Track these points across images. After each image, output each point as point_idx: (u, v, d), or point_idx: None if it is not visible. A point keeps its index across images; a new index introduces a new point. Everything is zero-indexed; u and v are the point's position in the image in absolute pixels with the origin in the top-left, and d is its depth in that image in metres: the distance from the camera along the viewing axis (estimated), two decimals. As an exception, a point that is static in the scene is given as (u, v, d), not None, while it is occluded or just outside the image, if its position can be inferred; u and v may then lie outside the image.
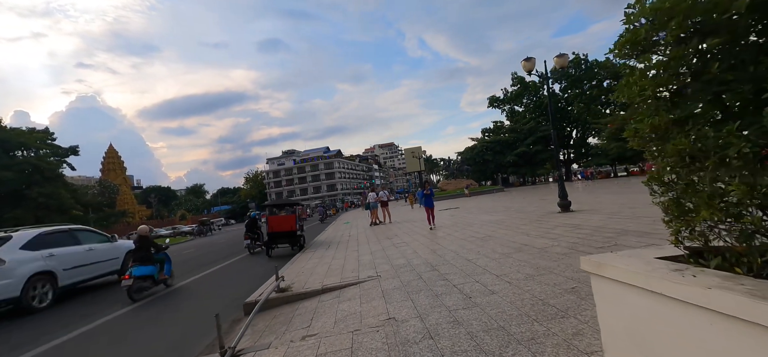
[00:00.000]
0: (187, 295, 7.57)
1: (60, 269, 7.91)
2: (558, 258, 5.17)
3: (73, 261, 8.29)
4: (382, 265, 6.61)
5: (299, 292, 5.52)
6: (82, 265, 8.51)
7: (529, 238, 7.17)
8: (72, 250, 8.43)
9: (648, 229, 6.30)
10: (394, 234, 11.47)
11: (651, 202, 1.93)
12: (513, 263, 5.27)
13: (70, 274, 8.17)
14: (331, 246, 10.98)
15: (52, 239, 8.17)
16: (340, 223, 21.76)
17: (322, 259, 8.46)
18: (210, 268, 10.77)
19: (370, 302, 4.48)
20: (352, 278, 5.90)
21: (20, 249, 7.44)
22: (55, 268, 7.79)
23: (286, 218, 11.48)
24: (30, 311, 7.06)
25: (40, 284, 7.43)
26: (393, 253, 7.78)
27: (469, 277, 4.86)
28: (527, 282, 4.25)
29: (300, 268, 7.72)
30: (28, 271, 7.25)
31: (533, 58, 10.82)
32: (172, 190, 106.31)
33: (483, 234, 8.66)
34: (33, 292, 7.26)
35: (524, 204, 16.35)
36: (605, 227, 7.13)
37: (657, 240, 5.42)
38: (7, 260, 7.01)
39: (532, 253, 5.76)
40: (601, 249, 5.35)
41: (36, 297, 7.30)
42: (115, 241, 9.82)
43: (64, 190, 25.33)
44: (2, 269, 6.89)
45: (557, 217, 9.69)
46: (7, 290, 6.83)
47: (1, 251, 7.11)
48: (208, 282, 8.76)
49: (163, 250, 8.12)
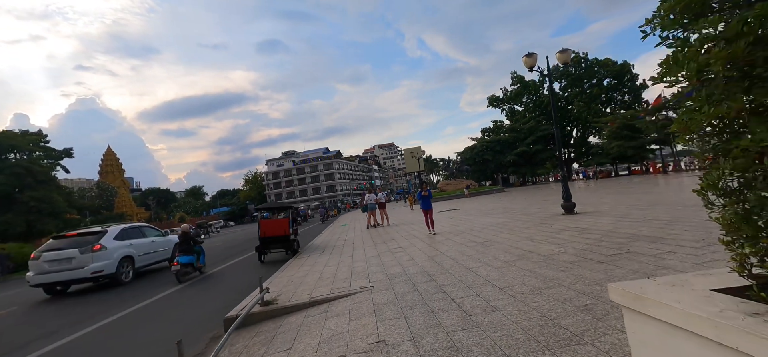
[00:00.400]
0: (172, 303, 7.14)
1: (136, 255, 10.44)
2: (566, 267, 4.73)
3: (143, 249, 10.85)
4: (376, 274, 6.17)
5: (285, 306, 5.08)
6: (149, 253, 11.09)
7: (533, 243, 6.73)
8: (142, 241, 11.00)
9: (661, 234, 5.86)
10: (390, 238, 11.04)
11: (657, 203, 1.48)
12: (517, 273, 4.83)
13: (143, 259, 10.75)
14: (325, 250, 10.55)
15: (130, 233, 10.70)
16: (337, 225, 21.32)
17: (314, 266, 8.03)
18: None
19: (359, 319, 4.05)
20: (343, 289, 5.46)
21: (113, 239, 9.91)
22: (134, 254, 10.33)
23: (279, 222, 11.03)
24: (119, 283, 9.62)
25: (126, 264, 10.01)
26: (388, 260, 7.34)
27: (469, 290, 4.43)
28: (534, 297, 3.82)
29: (290, 276, 7.28)
30: (119, 254, 9.82)
31: (535, 54, 10.39)
32: (171, 192, 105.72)
33: (484, 238, 8.23)
34: (122, 270, 9.79)
35: (526, 205, 15.91)
36: (615, 231, 6.70)
37: (671, 246, 4.99)
38: (107, 247, 9.56)
39: (538, 261, 5.32)
40: (612, 256, 4.91)
41: (123, 274, 9.84)
42: (167, 236, 12.32)
43: (56, 194, 24.84)
44: (104, 253, 9.42)
45: (562, 220, 9.26)
46: (108, 268, 9.41)
47: (103, 241, 9.56)
48: (200, 289, 8.31)
49: (199, 244, 9.99)
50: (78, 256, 9.16)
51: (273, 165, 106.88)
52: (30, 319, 7.32)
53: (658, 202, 10.14)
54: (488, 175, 56.95)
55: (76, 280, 9.22)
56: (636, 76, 50.53)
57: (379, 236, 11.98)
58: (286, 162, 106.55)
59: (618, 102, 51.99)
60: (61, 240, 9.81)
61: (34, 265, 9.23)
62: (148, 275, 10.86)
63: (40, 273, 9.12)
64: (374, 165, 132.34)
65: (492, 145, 54.22)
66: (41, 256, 9.23)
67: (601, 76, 51.64)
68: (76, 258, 9.14)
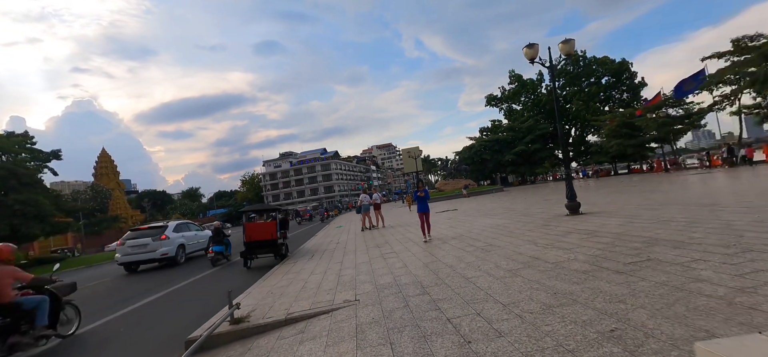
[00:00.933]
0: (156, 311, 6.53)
1: (187, 243, 13.48)
2: (580, 279, 4.10)
3: (191, 240, 13.91)
4: (364, 285, 5.53)
5: (257, 325, 4.43)
6: (193, 243, 14.04)
7: (539, 248, 6.10)
8: (189, 233, 14.06)
9: (682, 238, 5.24)
10: (384, 241, 10.40)
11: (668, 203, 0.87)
12: (523, 286, 4.20)
13: (190, 246, 13.76)
14: (315, 255, 9.90)
15: (181, 227, 13.95)
16: (333, 227, 20.66)
17: (299, 274, 7.37)
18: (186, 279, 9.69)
19: (337, 345, 3.41)
20: (325, 304, 4.82)
21: (173, 231, 13.09)
22: (185, 243, 13.40)
23: (266, 225, 10.36)
24: (177, 264, 12.67)
25: (180, 250, 13.02)
26: (379, 267, 6.70)
27: (468, 307, 3.79)
28: (545, 317, 3.18)
29: (271, 286, 6.63)
30: (177, 242, 12.97)
31: (536, 44, 9.77)
32: (167, 194, 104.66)
33: (484, 242, 7.60)
34: (179, 254, 12.87)
35: (527, 205, 15.29)
36: (627, 234, 6.07)
37: (698, 252, 4.37)
38: (170, 237, 12.72)
39: (545, 270, 4.69)
40: (632, 265, 4.28)
41: (179, 257, 12.88)
42: (203, 231, 15.33)
43: (42, 197, 24.04)
44: (168, 241, 12.57)
45: (567, 221, 8.64)
46: (171, 252, 12.49)
47: (167, 232, 12.80)
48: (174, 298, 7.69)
49: (227, 237, 12.23)
50: (151, 242, 12.39)
51: (270, 166, 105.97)
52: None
53: (668, 202, 9.54)
54: (486, 174, 56.31)
55: (148, 260, 12.49)
56: (634, 74, 50.06)
57: (372, 239, 11.33)
58: (283, 163, 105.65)
59: (616, 100, 51.49)
60: (138, 231, 13.11)
61: (121, 249, 12.69)
62: (192, 260, 13.71)
63: (124, 254, 12.53)
64: (372, 165, 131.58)
65: (490, 145, 53.57)
66: (126, 242, 12.65)
67: (599, 74, 51.12)
68: (150, 244, 12.37)
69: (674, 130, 34.63)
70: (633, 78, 50.19)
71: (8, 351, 4.44)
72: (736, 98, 29.04)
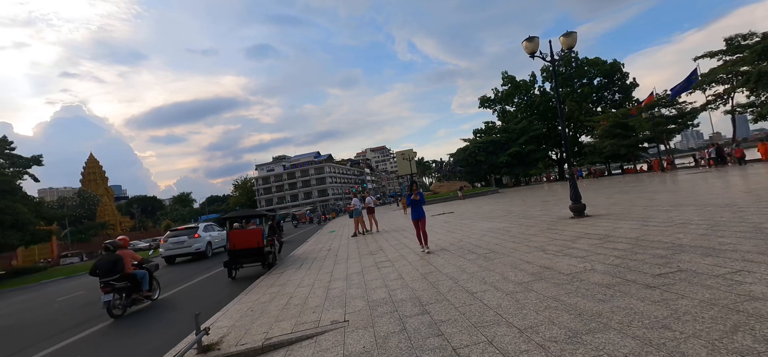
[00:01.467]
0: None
1: (214, 241, 16.13)
2: (605, 295, 3.51)
3: (216, 238, 16.41)
4: (355, 301, 4.90)
5: (228, 354, 3.78)
6: (218, 240, 16.45)
7: (548, 256, 5.53)
8: (214, 232, 16.56)
9: (710, 244, 4.70)
10: (378, 248, 9.77)
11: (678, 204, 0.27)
12: (538, 303, 3.61)
13: (216, 243, 16.30)
14: (303, 264, 9.24)
15: (208, 228, 16.54)
16: (325, 232, 19.95)
17: (284, 287, 6.71)
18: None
19: (319, 386, 2.78)
20: (310, 326, 4.18)
21: (203, 231, 15.80)
22: (212, 240, 16.06)
23: (251, 233, 9.65)
24: (206, 258, 15.20)
25: (208, 246, 15.57)
26: (372, 279, 6.08)
27: (476, 332, 3.19)
28: (575, 349, 2.59)
29: (253, 301, 5.96)
30: (207, 239, 15.61)
31: (536, 37, 9.28)
32: (158, 199, 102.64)
33: (486, 249, 7.01)
34: (208, 249, 15.46)
35: (526, 207, 14.77)
36: (646, 239, 5.52)
37: (736, 261, 3.82)
38: (201, 235, 15.44)
39: (561, 283, 4.11)
40: (662, 277, 3.71)
41: (208, 252, 15.46)
42: (223, 231, 16.33)
43: (21, 205, 22.97)
44: (200, 239, 15.28)
45: (573, 225, 8.10)
46: (202, 247, 15.21)
47: (199, 231, 15.58)
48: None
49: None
50: (187, 240, 15.24)
51: (263, 170, 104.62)
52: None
53: (677, 203, 9.06)
54: (481, 176, 55.97)
55: (185, 254, 15.33)
56: (626, 75, 50.22)
57: (366, 246, 10.70)
58: (276, 167, 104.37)
59: (609, 101, 51.61)
60: (176, 231, 16.01)
61: (163, 245, 15.64)
62: (217, 255, 15.91)
63: (167, 249, 15.44)
64: (366, 168, 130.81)
65: (484, 146, 53.25)
66: (168, 240, 15.58)
67: (591, 75, 51.21)
68: (186, 241, 15.23)
69: (667, 130, 34.58)
70: (625, 79, 50.36)
71: (131, 303, 7.06)
72: (729, 97, 29.01)
